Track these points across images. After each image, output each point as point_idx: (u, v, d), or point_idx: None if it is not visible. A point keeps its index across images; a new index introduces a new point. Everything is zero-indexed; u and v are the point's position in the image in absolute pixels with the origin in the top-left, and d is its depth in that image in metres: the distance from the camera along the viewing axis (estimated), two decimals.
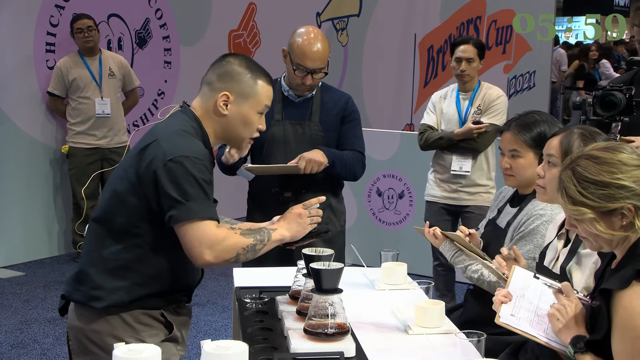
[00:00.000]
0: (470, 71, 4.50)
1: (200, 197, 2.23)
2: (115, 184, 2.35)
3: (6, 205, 5.90)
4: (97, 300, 2.31)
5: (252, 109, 2.43)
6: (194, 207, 2.22)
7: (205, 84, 2.45)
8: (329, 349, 2.16)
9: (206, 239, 2.23)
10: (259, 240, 2.35)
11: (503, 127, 2.92)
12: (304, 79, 3.31)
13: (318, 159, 3.29)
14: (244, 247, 2.31)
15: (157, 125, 2.40)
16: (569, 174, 1.92)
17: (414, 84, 9.61)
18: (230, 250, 2.28)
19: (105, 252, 2.32)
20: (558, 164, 2.40)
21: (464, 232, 2.91)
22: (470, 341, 2.16)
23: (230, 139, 2.49)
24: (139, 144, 2.34)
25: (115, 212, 2.31)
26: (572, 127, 2.49)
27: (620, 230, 1.87)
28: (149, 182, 2.25)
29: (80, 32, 5.88)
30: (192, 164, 2.23)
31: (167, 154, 2.23)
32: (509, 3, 10.11)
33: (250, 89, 2.41)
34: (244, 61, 2.45)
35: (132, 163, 2.31)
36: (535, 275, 2.17)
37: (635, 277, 1.81)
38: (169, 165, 2.22)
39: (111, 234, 2.32)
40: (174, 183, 2.21)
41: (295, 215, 2.47)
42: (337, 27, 8.90)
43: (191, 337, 4.48)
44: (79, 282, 2.36)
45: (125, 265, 2.31)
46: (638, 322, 1.78)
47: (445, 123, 4.56)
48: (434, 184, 4.63)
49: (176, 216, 2.22)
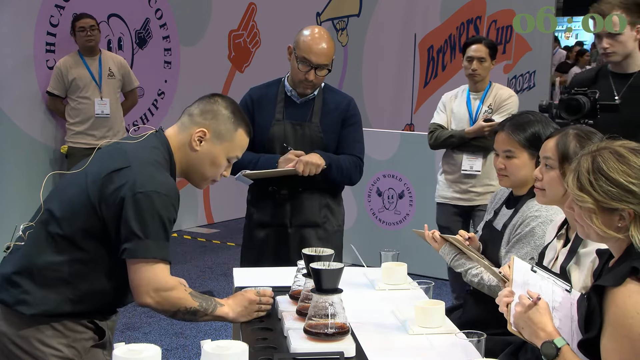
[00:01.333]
0: (482, 71, 4.49)
1: (160, 237, 2.21)
2: (73, 192, 2.28)
3: (6, 205, 5.90)
4: (25, 305, 2.23)
5: (224, 153, 2.43)
6: (151, 246, 2.20)
7: (187, 114, 2.44)
8: (329, 349, 2.16)
9: (154, 281, 2.21)
10: (203, 308, 2.33)
11: (497, 127, 2.91)
12: (307, 74, 3.31)
13: (315, 161, 3.30)
14: (187, 307, 2.29)
15: (128, 146, 2.34)
16: (589, 160, 1.91)
17: (414, 84, 9.61)
18: (172, 303, 2.26)
19: (42, 260, 2.25)
20: (555, 166, 2.41)
21: (463, 236, 2.91)
22: (470, 341, 2.16)
23: (193, 175, 2.46)
24: (109, 163, 2.28)
25: (65, 220, 2.25)
26: (567, 128, 2.49)
27: (614, 231, 1.87)
28: (112, 207, 2.21)
29: (83, 31, 5.88)
30: (161, 201, 2.21)
31: (138, 185, 2.20)
32: (509, 3, 10.12)
33: (228, 133, 2.42)
34: (231, 106, 2.46)
35: (96, 181, 2.25)
36: (533, 268, 2.16)
37: (629, 274, 1.81)
38: (137, 197, 2.19)
39: (54, 241, 2.25)
40: (138, 216, 2.18)
41: (246, 299, 2.44)
42: (337, 27, 8.90)
43: (191, 337, 4.49)
44: (10, 283, 2.27)
45: (62, 278, 2.24)
46: (629, 320, 1.78)
47: (456, 123, 4.55)
48: (444, 185, 4.61)
49: (131, 250, 2.19)
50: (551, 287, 2.10)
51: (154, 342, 3.97)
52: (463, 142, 4.47)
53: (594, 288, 1.88)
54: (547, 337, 1.93)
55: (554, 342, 1.91)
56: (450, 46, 9.73)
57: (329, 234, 3.51)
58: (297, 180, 3.36)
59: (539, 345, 1.94)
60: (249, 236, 3.53)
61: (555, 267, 2.41)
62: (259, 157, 3.39)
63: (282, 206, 3.45)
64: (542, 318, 1.96)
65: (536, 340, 1.96)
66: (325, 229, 3.50)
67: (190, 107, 2.47)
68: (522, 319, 1.99)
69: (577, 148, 2.36)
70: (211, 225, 7.53)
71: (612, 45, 3.39)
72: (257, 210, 3.51)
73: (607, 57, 3.43)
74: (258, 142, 3.41)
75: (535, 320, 1.96)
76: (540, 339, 1.94)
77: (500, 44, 10.17)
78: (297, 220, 3.46)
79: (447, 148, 4.58)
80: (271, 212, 3.47)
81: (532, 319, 1.96)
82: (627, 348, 1.78)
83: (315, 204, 3.47)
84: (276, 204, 3.46)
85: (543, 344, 1.92)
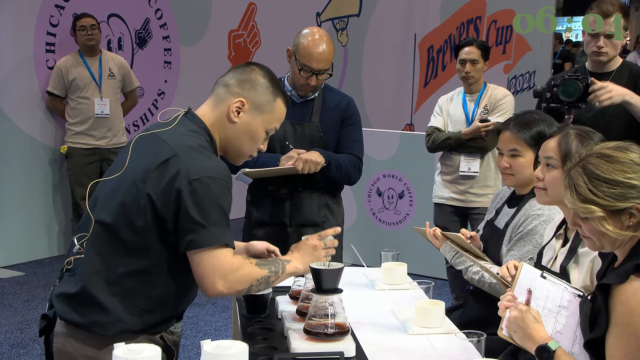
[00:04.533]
0: (475, 73, 4.49)
1: (221, 223, 2.10)
2: (122, 196, 2.13)
3: (6, 205, 5.90)
4: (102, 327, 2.10)
5: (263, 125, 2.30)
6: (215, 233, 2.08)
7: (222, 85, 2.31)
8: (329, 349, 2.16)
9: (221, 268, 2.09)
10: (273, 272, 2.23)
11: (501, 126, 2.91)
12: (309, 79, 3.32)
13: (315, 159, 3.29)
14: (258, 278, 2.18)
15: (165, 135, 2.19)
16: (580, 171, 1.91)
17: (414, 84, 9.61)
18: (244, 281, 2.15)
19: (111, 272, 2.12)
20: (558, 166, 2.40)
21: (465, 235, 2.91)
22: (470, 341, 2.16)
23: (231, 151, 2.33)
24: (153, 157, 2.13)
25: (121, 227, 2.12)
26: (566, 128, 2.49)
27: (628, 230, 1.87)
28: (170, 200, 2.07)
29: (84, 30, 5.89)
30: (217, 187, 2.09)
31: (192, 172, 2.07)
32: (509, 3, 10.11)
33: (268, 104, 2.29)
34: (269, 75, 2.33)
35: (145, 178, 2.10)
36: (543, 274, 2.16)
37: (634, 271, 1.81)
38: (194, 185, 2.06)
39: (117, 250, 2.12)
40: (198, 205, 2.06)
41: (310, 247, 2.34)
42: (337, 27, 8.90)
43: (191, 337, 4.49)
44: (79, 302, 2.12)
45: (133, 289, 2.12)
46: (635, 318, 1.78)
47: (453, 125, 4.56)
48: (442, 185, 4.62)
49: (196, 241, 2.07)
50: (561, 292, 2.10)
51: None
52: (460, 144, 4.48)
53: (599, 287, 1.88)
54: (540, 341, 1.95)
55: (548, 346, 1.93)
56: (450, 46, 9.73)
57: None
58: (297, 179, 3.35)
59: (531, 349, 1.97)
60: (249, 235, 3.53)
61: (554, 266, 2.41)
62: (259, 156, 3.38)
63: (282, 205, 3.45)
64: (535, 324, 1.99)
65: (528, 344, 1.98)
66: (324, 228, 3.47)
67: (225, 76, 2.33)
68: (516, 323, 2.01)
69: (579, 147, 2.36)
70: None
71: (606, 46, 3.47)
72: (256, 209, 3.51)
73: (599, 56, 3.50)
74: None
75: (529, 325, 1.98)
76: (533, 343, 1.96)
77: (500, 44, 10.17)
78: (297, 220, 3.46)
79: (444, 150, 4.59)
80: (270, 211, 3.47)
81: (527, 324, 1.99)
82: (633, 345, 1.78)
83: (314, 203, 3.47)
84: (276, 204, 3.46)
85: (537, 347, 1.94)
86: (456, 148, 4.51)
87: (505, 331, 2.06)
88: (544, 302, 2.11)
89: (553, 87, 3.36)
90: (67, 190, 6.19)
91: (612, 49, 3.49)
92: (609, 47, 3.47)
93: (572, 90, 3.31)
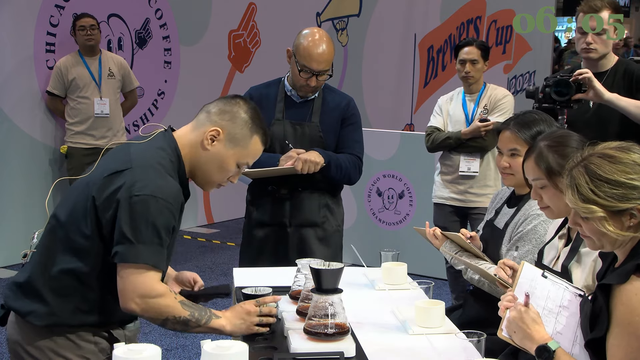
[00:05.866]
0: (475, 73, 4.49)
1: (152, 243, 2.13)
2: (76, 196, 2.24)
3: (6, 205, 5.90)
4: (36, 316, 2.19)
5: (234, 158, 2.33)
6: (141, 251, 2.11)
7: (205, 111, 2.36)
8: (329, 349, 2.16)
9: (141, 288, 2.12)
10: (196, 319, 2.20)
11: (501, 126, 2.91)
12: (309, 80, 3.32)
13: (314, 159, 3.29)
14: (175, 316, 2.17)
15: (133, 147, 2.27)
16: (581, 171, 1.90)
17: (414, 84, 9.62)
18: (159, 311, 2.15)
19: (53, 267, 2.20)
20: (547, 184, 2.40)
21: (465, 235, 2.91)
22: (470, 341, 2.16)
23: (199, 176, 2.36)
24: (111, 165, 2.22)
25: (70, 225, 2.21)
26: (535, 145, 2.46)
27: (629, 231, 1.87)
28: (109, 209, 2.14)
29: (83, 30, 5.89)
30: (157, 206, 2.12)
31: (136, 188, 2.13)
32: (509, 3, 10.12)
33: (243, 139, 2.32)
34: (252, 111, 2.36)
35: (97, 183, 2.19)
36: (544, 274, 2.16)
37: (635, 271, 1.81)
38: (133, 200, 2.11)
39: (60, 248, 2.21)
40: (131, 220, 2.11)
41: (244, 311, 2.29)
42: (337, 27, 8.90)
43: (191, 337, 4.49)
44: (23, 292, 2.23)
45: (71, 286, 2.19)
46: (636, 318, 1.78)
47: (452, 125, 4.56)
48: (441, 185, 4.62)
49: (121, 254, 2.12)
50: (562, 292, 2.10)
51: (154, 342, 3.97)
52: (460, 143, 4.48)
53: (600, 287, 1.88)
54: (540, 341, 1.95)
55: (547, 346, 1.93)
56: (450, 46, 9.74)
57: (328, 233, 3.51)
58: (297, 179, 3.36)
59: (531, 349, 1.96)
60: (248, 235, 3.54)
61: (556, 265, 2.41)
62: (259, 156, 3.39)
63: (282, 205, 3.45)
64: (535, 324, 1.99)
65: (528, 344, 1.98)
66: (324, 228, 3.50)
67: (209, 104, 2.38)
68: (516, 323, 2.01)
69: (557, 158, 2.36)
70: (211, 225, 7.53)
71: (595, 42, 3.48)
72: (256, 209, 3.51)
73: (588, 52, 3.50)
74: None
75: (529, 325, 1.98)
76: (533, 343, 1.96)
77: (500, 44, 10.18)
78: (297, 220, 3.46)
79: (444, 150, 4.59)
80: (270, 211, 3.47)
81: (526, 324, 1.99)
82: (634, 345, 1.79)
83: (314, 203, 3.47)
84: (275, 204, 3.46)
85: (537, 347, 1.94)
86: (456, 148, 4.51)
87: (505, 332, 2.06)
88: (544, 302, 2.11)
89: (545, 88, 3.36)
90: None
91: (602, 46, 3.48)
92: (599, 43, 3.47)
93: (564, 89, 3.31)
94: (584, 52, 3.50)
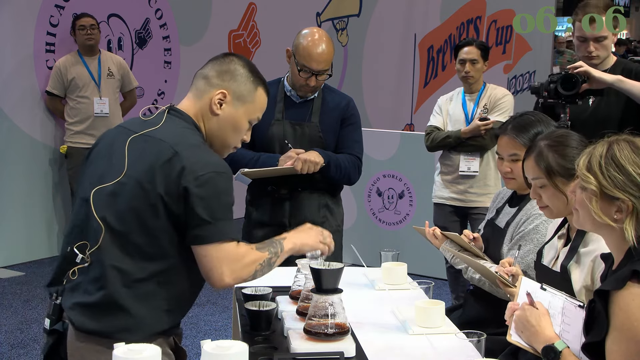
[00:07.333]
0: (475, 73, 4.50)
1: (227, 217, 2.11)
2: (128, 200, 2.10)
3: (6, 205, 5.90)
4: (129, 331, 2.06)
5: (245, 115, 2.28)
6: (222, 228, 2.08)
7: (201, 78, 2.29)
8: (329, 349, 2.16)
9: (226, 259, 2.09)
10: (273, 253, 2.22)
11: (499, 130, 2.91)
12: (308, 80, 3.32)
13: (314, 159, 3.29)
14: (261, 262, 2.18)
15: (158, 134, 2.17)
16: (605, 147, 1.93)
17: (414, 84, 9.61)
18: (249, 270, 2.15)
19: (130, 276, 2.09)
20: (547, 183, 2.39)
21: (467, 236, 2.90)
22: (470, 341, 2.16)
23: (216, 143, 2.30)
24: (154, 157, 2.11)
25: (135, 230, 2.09)
26: (535, 145, 2.46)
27: (608, 218, 1.88)
28: (178, 198, 2.06)
29: (83, 29, 5.90)
30: (222, 181, 2.10)
31: (197, 169, 2.07)
32: (509, 3, 10.11)
33: (249, 94, 2.28)
34: (247, 64, 2.31)
35: (151, 179, 2.08)
36: (543, 287, 2.16)
37: (630, 277, 1.81)
38: (199, 181, 2.06)
39: (132, 255, 2.09)
40: (205, 201, 2.06)
41: (306, 227, 2.38)
42: (337, 27, 8.90)
43: (191, 337, 4.49)
44: (100, 310, 2.09)
45: (152, 291, 2.11)
46: (635, 323, 1.78)
47: (452, 124, 4.56)
48: (441, 185, 4.62)
49: (202, 237, 2.07)
50: (562, 303, 2.10)
51: None
52: (460, 142, 4.48)
53: (598, 293, 1.88)
54: (547, 341, 1.95)
55: (554, 346, 1.93)
56: (450, 46, 9.73)
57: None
58: (297, 179, 3.35)
59: (539, 348, 1.96)
60: (248, 235, 3.53)
61: (556, 265, 2.41)
62: (259, 156, 3.38)
63: (281, 206, 3.45)
64: (541, 322, 1.99)
65: (535, 343, 1.98)
66: (324, 228, 3.49)
67: (203, 69, 2.30)
68: (521, 322, 2.01)
69: (557, 158, 2.36)
70: None
71: (597, 49, 3.48)
72: (256, 209, 3.51)
73: (590, 60, 3.49)
74: (257, 142, 3.41)
75: (535, 322, 1.99)
76: (540, 342, 1.96)
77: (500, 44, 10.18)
78: (296, 220, 3.44)
79: (444, 149, 4.59)
80: (270, 211, 3.47)
81: (532, 322, 1.99)
82: (633, 351, 1.79)
83: (314, 203, 3.47)
84: (275, 204, 3.46)
85: (544, 348, 1.94)
86: (455, 147, 4.51)
87: (514, 336, 2.06)
88: None
89: (550, 84, 3.36)
90: (67, 190, 6.19)
91: (603, 51, 3.49)
92: (600, 50, 3.48)
93: (570, 84, 3.32)
94: (585, 59, 3.50)
